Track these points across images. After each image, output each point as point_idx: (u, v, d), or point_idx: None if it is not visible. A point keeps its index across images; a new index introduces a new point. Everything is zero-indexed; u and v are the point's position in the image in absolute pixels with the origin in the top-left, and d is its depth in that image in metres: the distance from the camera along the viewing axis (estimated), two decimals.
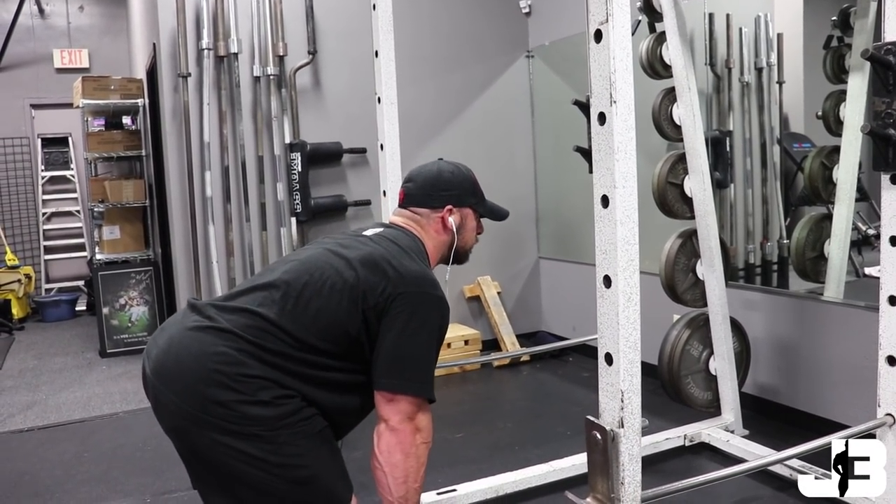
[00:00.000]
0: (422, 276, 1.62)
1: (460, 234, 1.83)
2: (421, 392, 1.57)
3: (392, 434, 1.55)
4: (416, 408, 1.57)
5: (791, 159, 3.83)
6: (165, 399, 1.54)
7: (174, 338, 1.58)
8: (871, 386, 2.12)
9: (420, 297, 1.58)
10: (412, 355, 1.56)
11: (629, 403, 1.50)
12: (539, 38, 5.16)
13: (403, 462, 1.55)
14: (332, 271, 1.60)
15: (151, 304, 5.69)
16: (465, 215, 1.85)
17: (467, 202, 1.86)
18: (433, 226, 1.82)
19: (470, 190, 1.88)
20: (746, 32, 3.86)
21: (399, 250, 1.66)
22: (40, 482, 3.30)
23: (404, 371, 1.55)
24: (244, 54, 4.42)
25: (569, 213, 5.07)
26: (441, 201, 1.82)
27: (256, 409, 1.48)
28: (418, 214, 1.83)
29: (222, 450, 1.49)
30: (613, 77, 1.43)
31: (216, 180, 4.41)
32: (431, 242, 1.81)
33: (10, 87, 7.66)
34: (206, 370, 1.49)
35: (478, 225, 1.91)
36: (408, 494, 1.56)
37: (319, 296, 1.57)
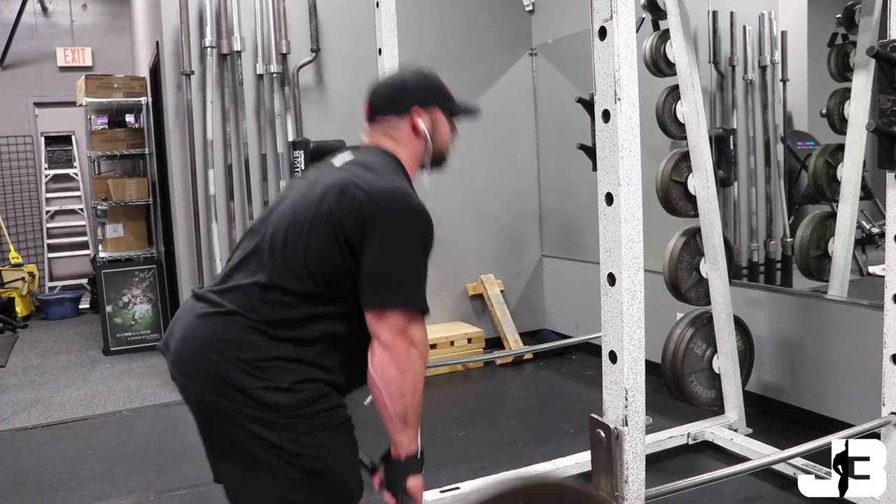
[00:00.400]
0: (392, 190, 1.56)
1: (434, 136, 1.74)
2: (409, 304, 1.50)
3: (385, 350, 1.49)
4: (407, 321, 1.50)
5: (795, 157, 3.82)
6: (189, 389, 1.56)
7: (187, 327, 1.59)
8: (876, 384, 2.12)
9: (393, 212, 1.52)
10: (394, 268, 1.51)
11: (633, 401, 1.50)
12: (542, 35, 5.15)
13: (399, 378, 1.49)
14: (306, 212, 1.57)
15: (155, 302, 5.70)
16: (435, 117, 1.75)
17: (435, 102, 1.76)
18: (404, 133, 1.73)
19: (436, 90, 1.78)
20: (750, 30, 3.85)
21: (366, 171, 1.61)
22: (44, 480, 3.31)
23: (387, 285, 1.50)
24: (247, 52, 4.43)
25: (572, 211, 5.06)
26: (407, 105, 1.72)
27: (276, 396, 1.48)
28: (387, 125, 1.74)
29: (243, 435, 1.50)
30: (618, 74, 1.43)
31: (219, 178, 4.41)
32: (405, 151, 1.73)
33: (13, 86, 7.67)
34: (222, 358, 1.50)
35: (451, 126, 1.80)
36: (406, 411, 1.51)
37: (301, 240, 1.54)
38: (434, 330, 4.85)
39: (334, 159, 1.73)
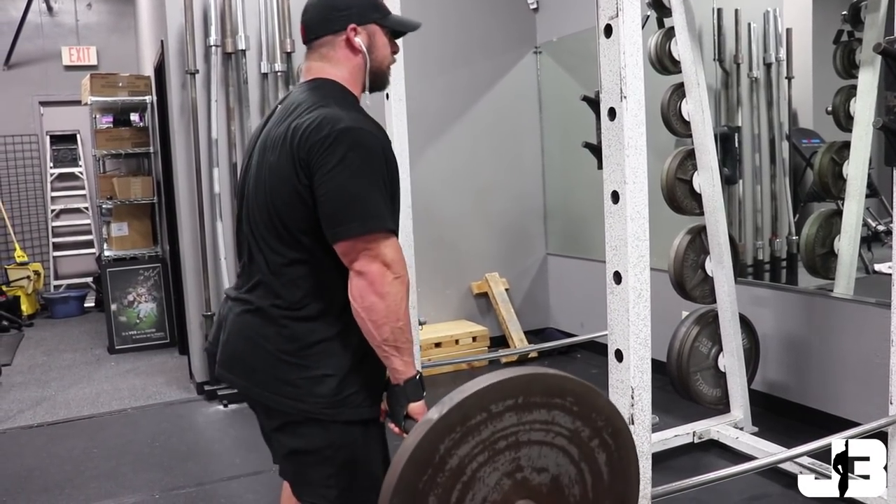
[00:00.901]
0: (331, 117, 1.50)
1: (372, 53, 1.68)
2: (371, 226, 1.45)
3: (360, 278, 1.46)
4: (375, 244, 1.46)
5: (800, 155, 3.81)
6: (238, 387, 1.63)
7: (230, 328, 1.64)
8: (883, 383, 2.11)
9: (336, 138, 1.47)
10: (350, 194, 1.46)
11: (639, 400, 1.50)
12: (547, 34, 5.14)
13: (379, 303, 1.45)
14: (266, 182, 1.57)
15: (160, 300, 5.71)
16: (371, 32, 1.68)
17: (370, 18, 1.68)
18: (341, 52, 1.67)
19: (371, 5, 1.70)
20: (755, 28, 3.84)
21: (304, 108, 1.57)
22: (50, 478, 3.32)
23: (346, 212, 1.46)
24: (252, 51, 4.43)
25: (577, 210, 5.05)
26: (341, 22, 1.66)
27: (322, 387, 1.51)
28: (322, 46, 1.68)
29: (291, 426, 1.55)
30: (623, 72, 1.42)
31: (224, 177, 4.41)
32: (345, 72, 1.67)
33: (18, 85, 7.69)
34: (265, 353, 1.54)
35: (391, 44, 1.74)
36: (393, 334, 1.48)
37: (272, 206, 1.54)
38: (438, 328, 4.85)
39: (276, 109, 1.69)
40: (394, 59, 1.75)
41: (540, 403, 1.17)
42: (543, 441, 1.18)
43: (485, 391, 1.14)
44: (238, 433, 3.76)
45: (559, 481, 1.20)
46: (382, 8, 1.71)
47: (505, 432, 1.15)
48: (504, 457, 1.16)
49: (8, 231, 7.55)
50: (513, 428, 1.16)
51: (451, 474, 1.13)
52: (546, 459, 1.19)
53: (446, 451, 1.12)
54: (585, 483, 1.22)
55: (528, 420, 1.16)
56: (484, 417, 1.13)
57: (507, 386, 1.15)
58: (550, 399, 1.17)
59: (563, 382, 1.19)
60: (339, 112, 1.52)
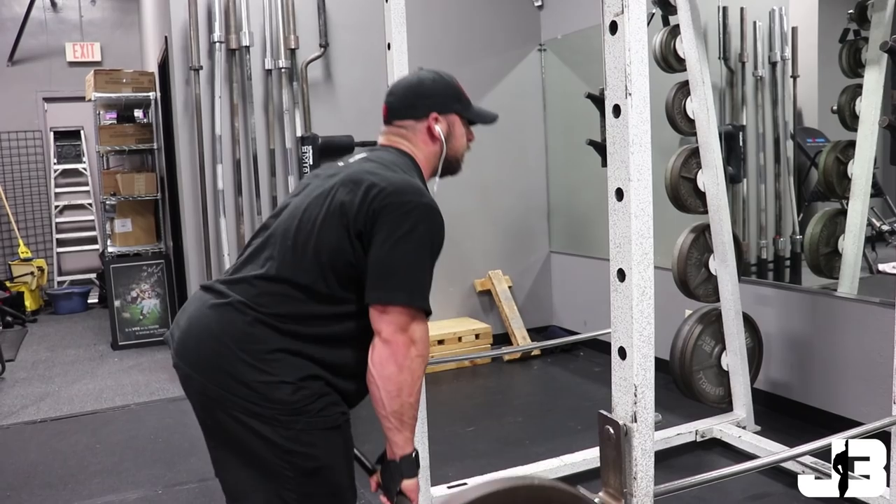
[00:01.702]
0: (404, 184, 1.55)
1: (449, 141, 1.75)
2: (412, 301, 1.49)
3: (385, 346, 1.48)
4: (409, 318, 1.49)
5: (804, 154, 3.80)
6: (192, 379, 1.56)
7: (193, 318, 1.59)
8: (886, 382, 2.11)
9: (404, 206, 1.50)
10: (400, 264, 1.49)
11: (643, 398, 1.50)
12: (551, 31, 5.14)
13: (397, 375, 1.48)
14: (317, 207, 1.56)
15: (163, 296, 5.72)
16: (451, 122, 1.76)
17: (452, 108, 1.77)
18: (420, 137, 1.73)
19: (454, 95, 1.78)
20: (760, 26, 3.83)
21: (381, 166, 1.61)
22: (53, 473, 3.33)
23: (392, 281, 1.49)
24: (256, 47, 4.43)
25: (580, 208, 5.05)
26: (424, 110, 1.73)
27: (279, 392, 1.48)
28: (403, 128, 1.74)
29: (240, 429, 1.50)
30: (629, 69, 1.42)
31: (228, 173, 4.41)
32: (421, 154, 1.73)
33: (22, 81, 7.70)
34: (227, 349, 1.50)
35: (467, 131, 1.81)
36: (402, 409, 1.50)
37: (312, 234, 1.54)
38: (442, 326, 4.85)
39: (350, 158, 1.73)
40: (469, 146, 1.83)
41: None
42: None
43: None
44: None
45: None
46: (464, 99, 1.80)
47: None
48: None
49: (12, 227, 7.57)
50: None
51: None
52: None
53: None
54: None
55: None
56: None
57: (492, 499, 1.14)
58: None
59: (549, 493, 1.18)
60: (422, 187, 1.60)
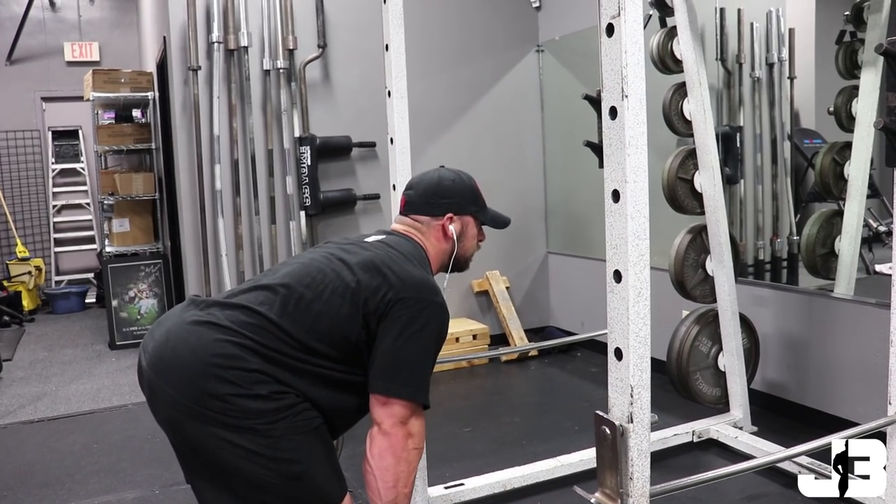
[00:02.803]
0: (422, 281, 1.62)
1: (461, 242, 1.84)
2: (415, 397, 1.57)
3: (384, 438, 1.55)
4: (410, 412, 1.56)
5: (802, 155, 3.81)
6: (161, 392, 1.53)
7: (172, 331, 1.57)
8: (882, 383, 2.11)
9: (420, 303, 1.57)
10: (408, 360, 1.56)
11: (639, 398, 1.50)
12: (549, 32, 5.14)
13: (394, 466, 1.54)
14: (333, 276, 1.60)
15: (160, 296, 5.72)
16: (465, 223, 1.86)
17: (468, 210, 1.87)
18: (434, 233, 1.82)
19: (471, 198, 1.88)
20: (758, 27, 3.84)
21: (401, 256, 1.67)
22: (50, 473, 3.33)
23: (399, 375, 1.55)
24: (254, 48, 4.43)
25: (578, 208, 5.06)
26: (442, 209, 1.82)
27: (254, 403, 1.48)
28: (419, 222, 1.83)
29: (217, 443, 1.49)
30: (625, 71, 1.42)
31: (226, 173, 4.42)
32: (432, 249, 1.82)
33: (21, 80, 7.69)
34: (203, 363, 1.49)
35: (479, 233, 1.91)
36: (397, 499, 1.56)
37: (320, 300, 1.57)
38: None
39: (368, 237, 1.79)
40: (479, 246, 1.92)
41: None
42: None
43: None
44: None
45: None
46: (480, 202, 1.90)
47: None
48: None
49: (9, 226, 7.56)
50: None
51: None
52: None
53: None
54: None
55: None
56: None
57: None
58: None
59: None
60: (429, 278, 1.66)
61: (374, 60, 2.94)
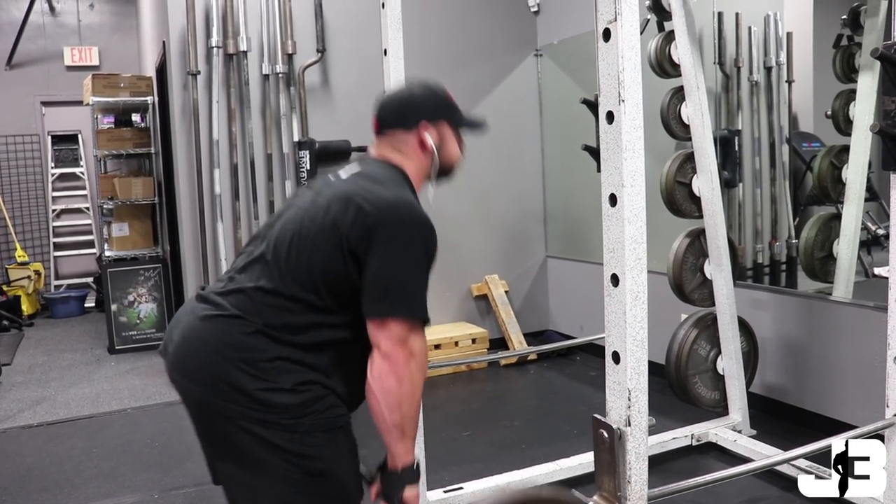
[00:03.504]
0: (397, 200, 1.57)
1: (441, 150, 1.76)
2: (409, 313, 1.51)
3: (384, 360, 1.49)
4: (407, 331, 1.50)
5: (800, 159, 3.82)
6: (190, 392, 1.57)
7: (186, 330, 1.59)
8: (880, 386, 2.11)
9: (398, 222, 1.53)
10: (396, 278, 1.51)
11: (636, 402, 1.50)
12: (547, 36, 5.15)
13: (397, 388, 1.49)
14: (310, 223, 1.58)
15: (160, 300, 5.72)
16: (442, 130, 1.76)
17: (442, 116, 1.77)
18: (411, 147, 1.74)
19: (443, 104, 1.79)
20: (756, 31, 3.85)
21: (372, 183, 1.62)
22: (49, 477, 3.32)
23: (389, 294, 1.51)
24: (253, 52, 4.44)
25: (577, 212, 5.06)
26: (415, 119, 1.73)
27: (279, 397, 1.49)
28: (394, 139, 1.75)
29: (244, 437, 1.50)
30: (622, 76, 1.43)
31: (225, 178, 4.42)
32: (413, 165, 1.74)
33: (20, 85, 7.70)
34: (224, 359, 1.51)
35: (459, 139, 1.82)
36: (403, 421, 1.51)
37: (306, 249, 1.56)
38: (438, 330, 4.86)
39: (341, 171, 1.74)
40: (461, 154, 1.83)
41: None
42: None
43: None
44: None
45: None
46: (454, 107, 1.80)
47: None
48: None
49: (9, 231, 7.56)
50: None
51: None
52: None
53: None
54: None
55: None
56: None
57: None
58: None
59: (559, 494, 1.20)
60: (414, 201, 1.61)
61: (373, 65, 2.95)
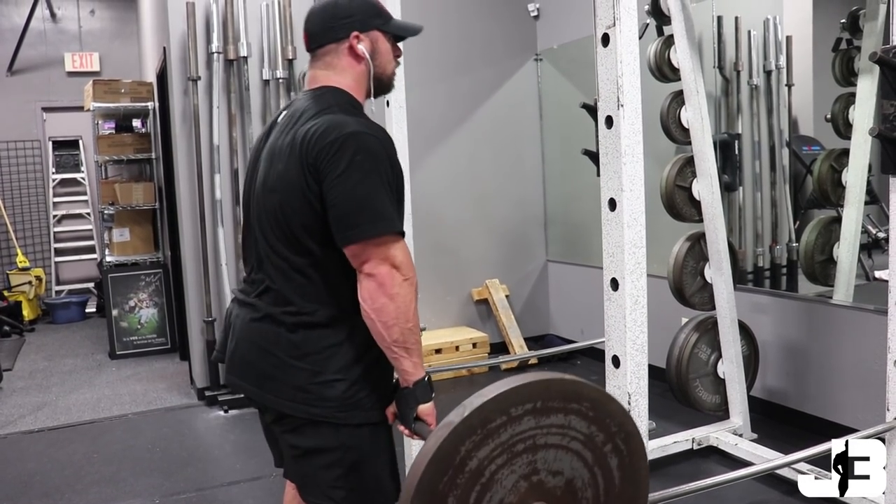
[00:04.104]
0: (327, 125, 1.52)
1: (375, 59, 1.69)
2: (380, 229, 1.48)
3: (369, 280, 1.48)
4: (386, 247, 1.48)
5: (800, 162, 3.82)
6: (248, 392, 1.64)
7: (240, 338, 1.65)
8: (881, 390, 2.11)
9: (334, 145, 1.49)
10: (353, 199, 1.48)
11: (636, 406, 1.51)
12: (547, 41, 5.16)
13: (389, 304, 1.47)
14: (273, 192, 1.58)
15: (161, 306, 5.72)
16: (374, 39, 1.69)
17: (373, 24, 1.69)
18: (344, 60, 1.68)
19: (373, 11, 1.71)
20: (755, 35, 3.86)
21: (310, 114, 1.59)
22: (50, 482, 3.32)
23: (355, 216, 1.48)
24: (254, 58, 4.44)
25: (577, 216, 5.06)
26: (345, 30, 1.67)
27: (333, 390, 1.53)
28: (326, 54, 1.69)
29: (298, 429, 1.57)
30: (621, 81, 1.43)
31: (225, 183, 4.43)
32: (349, 79, 1.68)
33: (21, 91, 7.72)
34: (277, 359, 1.56)
35: (394, 48, 1.75)
36: (403, 336, 1.50)
37: (280, 215, 1.56)
38: (439, 335, 4.86)
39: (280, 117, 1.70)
40: (397, 62, 1.76)
41: (557, 408, 1.19)
42: (559, 445, 1.20)
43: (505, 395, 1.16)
44: (238, 438, 3.77)
45: (573, 484, 1.22)
46: (384, 14, 1.72)
47: (523, 435, 1.17)
48: (521, 459, 1.18)
49: (10, 236, 7.57)
50: (531, 431, 1.17)
51: (471, 476, 1.14)
52: (561, 463, 1.21)
53: (466, 453, 1.13)
54: (598, 487, 1.24)
55: (545, 424, 1.18)
56: (504, 421, 1.15)
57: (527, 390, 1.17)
58: (567, 404, 1.19)
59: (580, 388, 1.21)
60: (345, 118, 1.55)
61: None
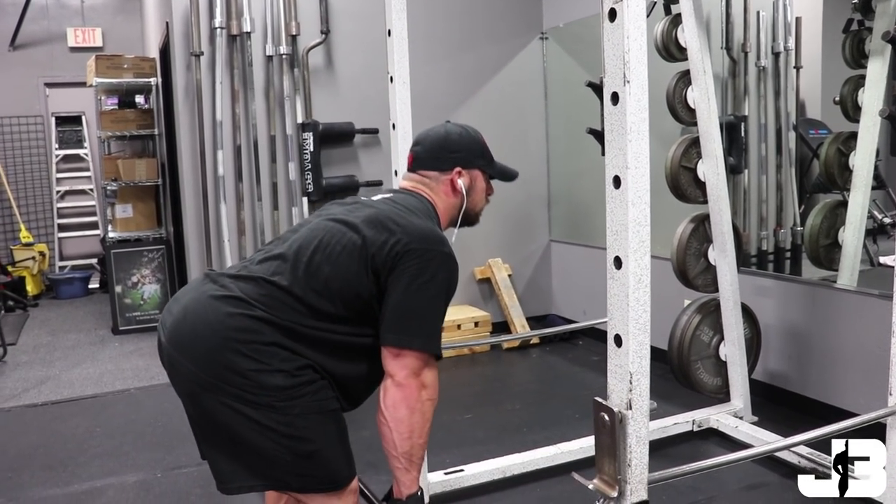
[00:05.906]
0: (429, 232, 1.62)
1: (470, 196, 1.83)
2: (426, 347, 1.57)
3: (398, 389, 1.55)
4: (422, 363, 1.57)
5: (807, 145, 3.79)
6: (181, 366, 1.57)
7: (189, 306, 1.60)
8: (883, 374, 2.10)
9: (428, 253, 1.57)
10: (418, 310, 1.56)
11: (637, 385, 1.50)
12: (553, 19, 5.11)
13: (408, 417, 1.55)
14: (339, 236, 1.61)
15: (163, 282, 5.73)
16: (474, 177, 1.84)
17: (476, 164, 1.85)
18: (443, 188, 1.81)
19: (478, 151, 1.86)
20: (764, 16, 3.81)
21: (406, 210, 1.67)
22: (53, 455, 3.34)
23: (410, 326, 1.55)
24: (257, 33, 4.41)
25: (581, 196, 5.04)
26: (450, 163, 1.81)
27: (274, 379, 1.50)
28: (427, 178, 1.82)
29: (234, 417, 1.52)
30: (627, 56, 1.41)
31: (228, 159, 4.41)
32: (442, 205, 1.81)
33: (24, 66, 7.69)
34: (222, 338, 1.52)
35: (487, 186, 1.90)
36: (412, 450, 1.57)
37: (329, 261, 1.58)
38: None
39: (374, 195, 1.79)
40: (488, 201, 1.91)
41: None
42: None
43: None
44: None
45: None
46: (487, 155, 1.88)
47: None
48: None
49: (13, 212, 7.58)
50: None
51: None
52: None
53: None
54: None
55: None
56: None
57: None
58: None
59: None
60: (435, 229, 1.66)
61: (377, 46, 2.92)
